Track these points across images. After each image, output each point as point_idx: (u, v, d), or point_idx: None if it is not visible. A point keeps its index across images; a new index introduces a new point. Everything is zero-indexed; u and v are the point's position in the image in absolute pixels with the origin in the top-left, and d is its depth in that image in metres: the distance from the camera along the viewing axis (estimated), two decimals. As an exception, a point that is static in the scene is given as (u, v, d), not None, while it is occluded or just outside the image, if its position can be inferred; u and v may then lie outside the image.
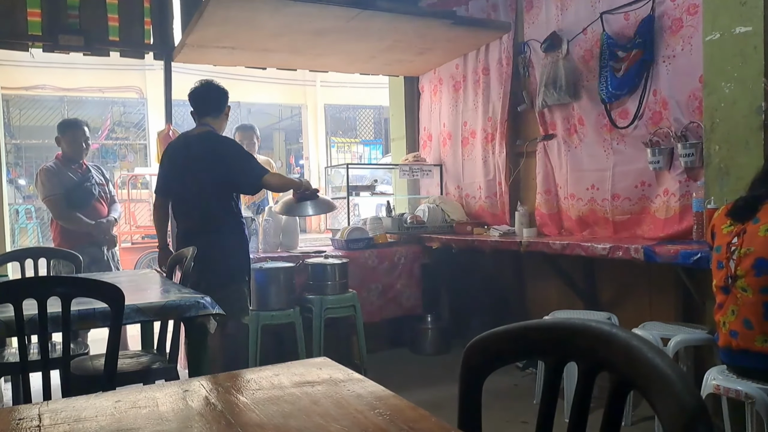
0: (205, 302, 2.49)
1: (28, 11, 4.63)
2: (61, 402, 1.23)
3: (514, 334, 1.07)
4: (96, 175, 4.81)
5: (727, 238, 2.58)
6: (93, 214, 4.63)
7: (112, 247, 4.81)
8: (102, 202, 4.76)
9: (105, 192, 4.84)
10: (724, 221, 2.66)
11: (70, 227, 4.56)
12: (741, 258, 2.47)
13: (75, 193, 4.59)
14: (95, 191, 4.71)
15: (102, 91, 14.13)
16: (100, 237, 4.65)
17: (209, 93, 3.84)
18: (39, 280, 2.40)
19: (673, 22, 3.76)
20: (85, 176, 4.71)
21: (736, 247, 2.51)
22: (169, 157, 3.83)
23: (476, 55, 5.42)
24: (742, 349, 2.47)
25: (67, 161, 4.69)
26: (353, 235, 5.03)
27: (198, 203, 3.66)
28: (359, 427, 1.04)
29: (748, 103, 3.01)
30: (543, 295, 4.84)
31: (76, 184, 4.62)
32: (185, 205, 3.74)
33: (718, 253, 2.61)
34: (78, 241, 4.50)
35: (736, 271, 2.48)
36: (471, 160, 5.57)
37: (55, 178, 4.58)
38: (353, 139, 17.31)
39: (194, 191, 3.65)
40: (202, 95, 3.82)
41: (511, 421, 3.57)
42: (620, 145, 4.17)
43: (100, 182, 4.82)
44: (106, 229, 4.70)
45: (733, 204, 2.65)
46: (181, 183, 3.71)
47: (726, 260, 2.55)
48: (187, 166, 3.67)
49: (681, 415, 0.75)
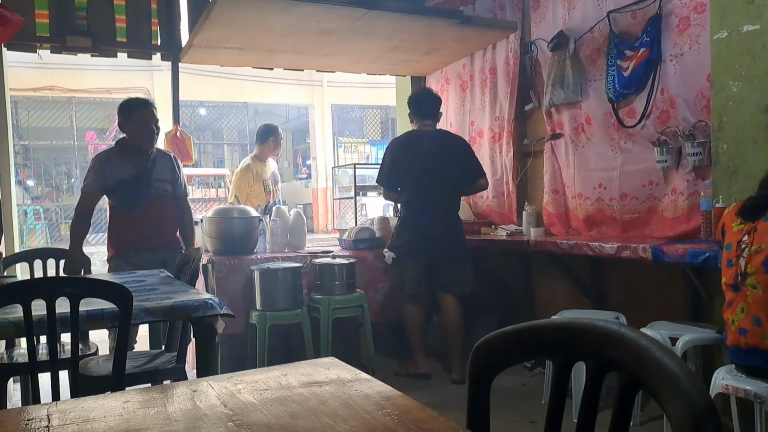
0: (213, 303, 2.49)
1: (36, 13, 4.66)
2: (70, 402, 1.24)
3: (522, 333, 1.07)
4: (160, 170, 3.99)
5: (738, 236, 2.57)
6: (147, 216, 3.88)
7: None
8: (164, 202, 3.99)
9: (170, 190, 4.03)
10: (734, 219, 2.65)
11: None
12: (751, 255, 2.47)
13: (124, 189, 3.87)
14: (154, 188, 3.93)
15: (109, 92, 14.19)
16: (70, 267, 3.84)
17: (429, 98, 4.54)
18: (47, 281, 2.41)
19: (681, 21, 3.74)
20: (144, 169, 3.92)
21: (747, 244, 2.50)
22: (402, 151, 4.41)
23: (483, 55, 5.42)
24: (752, 347, 2.47)
25: (126, 149, 3.95)
26: (361, 235, 5.03)
27: (432, 188, 4.33)
28: (367, 427, 1.04)
29: (756, 101, 2.99)
30: (551, 294, 4.83)
31: (130, 178, 3.88)
32: (422, 193, 4.34)
33: (728, 250, 2.60)
34: (128, 246, 3.92)
35: (746, 268, 2.48)
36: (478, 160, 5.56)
37: (101, 170, 3.90)
38: (360, 139, 17.33)
39: (434, 181, 4.31)
40: (427, 99, 4.53)
41: (519, 421, 3.56)
42: (628, 144, 4.16)
43: (164, 178, 3.99)
44: (72, 265, 3.83)
45: (744, 203, 2.64)
46: (419, 174, 4.32)
47: (736, 258, 2.54)
48: (427, 158, 4.32)
49: (690, 414, 0.74)
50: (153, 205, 3.92)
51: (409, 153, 4.38)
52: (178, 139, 5.11)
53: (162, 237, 4.00)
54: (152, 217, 3.92)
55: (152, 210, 3.92)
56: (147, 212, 3.90)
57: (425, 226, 4.34)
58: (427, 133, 4.46)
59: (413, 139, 4.45)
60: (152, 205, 3.91)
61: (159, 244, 3.97)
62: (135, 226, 3.90)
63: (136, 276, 3.27)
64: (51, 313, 2.09)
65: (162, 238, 4.00)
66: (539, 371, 4.29)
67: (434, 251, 4.31)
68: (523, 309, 5.01)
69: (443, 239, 4.35)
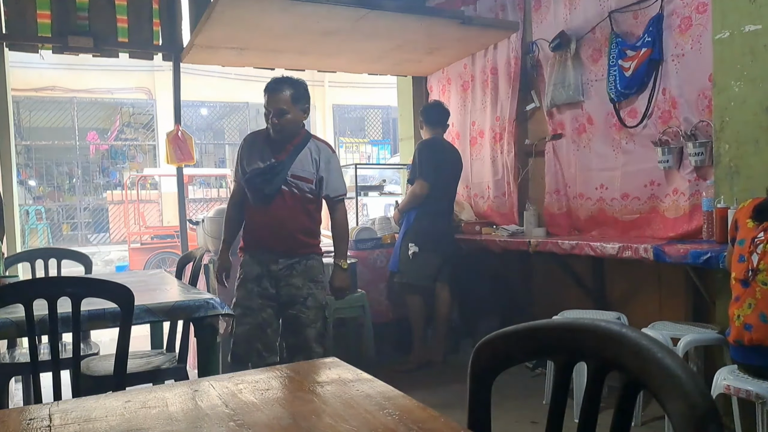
0: (214, 302, 2.50)
1: (38, 13, 4.65)
2: (72, 402, 1.24)
3: (523, 334, 1.07)
4: (301, 164, 3.40)
5: (753, 232, 2.57)
6: (272, 215, 3.39)
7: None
8: (298, 200, 3.40)
9: (306, 189, 3.42)
10: (748, 215, 2.64)
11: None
12: (765, 252, 2.47)
13: (254, 182, 3.40)
14: (284, 185, 3.36)
15: (111, 93, 14.21)
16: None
17: (441, 109, 4.96)
18: (49, 281, 2.41)
19: (682, 21, 3.74)
20: (277, 162, 3.37)
21: (763, 241, 2.50)
22: (441, 151, 4.78)
23: (484, 55, 5.41)
24: (755, 344, 2.47)
25: (267, 135, 3.45)
26: (362, 235, 5.03)
27: (451, 192, 4.91)
28: (368, 427, 1.04)
29: (757, 101, 2.99)
30: (552, 294, 4.83)
31: (261, 171, 3.38)
32: (444, 194, 4.79)
33: (741, 246, 2.60)
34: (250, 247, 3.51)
35: (759, 264, 2.48)
36: (479, 160, 5.57)
37: (241, 155, 3.52)
38: (361, 139, 17.32)
39: (451, 185, 4.87)
40: (438, 109, 4.94)
41: (520, 422, 3.56)
42: (629, 145, 4.16)
43: (301, 175, 3.39)
44: (219, 272, 3.60)
45: (760, 204, 2.63)
46: (444, 177, 4.76)
47: (749, 254, 2.54)
48: (448, 164, 4.81)
49: (691, 415, 0.74)
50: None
51: (442, 155, 4.76)
52: (180, 139, 5.11)
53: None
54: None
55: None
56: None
57: (445, 225, 4.80)
58: (446, 142, 4.96)
59: (443, 145, 4.87)
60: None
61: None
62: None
63: (136, 276, 3.28)
64: (53, 312, 2.09)
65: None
66: (540, 371, 4.29)
67: (448, 248, 4.77)
68: (525, 309, 5.01)
69: (452, 238, 4.88)
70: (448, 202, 4.88)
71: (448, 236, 4.82)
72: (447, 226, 4.85)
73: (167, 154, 5.14)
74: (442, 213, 4.78)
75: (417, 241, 4.64)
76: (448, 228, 4.86)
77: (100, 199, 15.38)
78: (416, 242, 4.64)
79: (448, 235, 4.83)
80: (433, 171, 4.65)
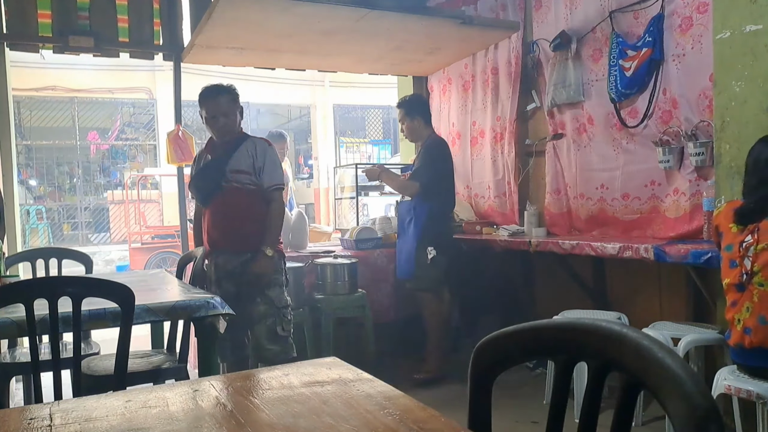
0: (214, 302, 2.50)
1: (39, 13, 4.66)
2: (72, 402, 1.24)
3: (523, 334, 1.07)
4: (240, 158, 3.48)
5: (739, 237, 2.57)
6: (218, 212, 3.51)
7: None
8: (241, 194, 3.46)
9: (247, 182, 3.47)
10: (729, 221, 2.65)
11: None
12: (758, 254, 2.47)
13: (196, 183, 3.62)
14: (224, 182, 3.46)
15: (112, 92, 14.20)
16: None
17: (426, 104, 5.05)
18: (50, 281, 2.41)
19: (683, 21, 3.74)
20: (215, 159, 3.56)
21: (752, 244, 2.50)
22: (450, 158, 4.67)
23: (485, 55, 5.42)
24: (756, 347, 2.46)
25: (209, 145, 3.68)
26: (362, 235, 5.03)
27: (454, 195, 4.86)
28: (369, 427, 1.04)
29: (758, 101, 2.99)
30: (553, 294, 4.83)
31: (200, 170, 3.63)
32: (453, 197, 4.81)
33: (730, 251, 2.60)
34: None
35: (753, 267, 2.48)
36: (480, 160, 5.57)
37: (194, 164, 3.80)
38: (362, 139, 17.33)
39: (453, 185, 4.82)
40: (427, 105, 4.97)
41: (521, 422, 3.56)
42: (630, 145, 4.16)
43: (239, 169, 3.46)
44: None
45: (739, 209, 2.64)
46: (452, 179, 4.75)
47: (740, 258, 2.54)
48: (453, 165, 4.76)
49: (692, 415, 0.74)
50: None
51: (452, 163, 4.69)
52: (180, 138, 5.11)
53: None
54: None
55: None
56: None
57: (452, 226, 4.90)
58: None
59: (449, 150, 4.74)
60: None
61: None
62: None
63: (137, 275, 3.28)
64: (53, 312, 2.09)
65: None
66: (541, 371, 4.29)
67: (458, 249, 4.85)
68: (525, 309, 5.01)
69: (456, 239, 4.91)
70: (453, 204, 4.88)
71: (455, 238, 4.89)
72: (453, 226, 4.95)
73: (168, 153, 5.14)
74: (449, 214, 4.82)
75: (434, 243, 4.42)
76: (454, 229, 4.96)
77: (100, 198, 15.39)
78: (434, 245, 4.41)
79: (453, 236, 4.88)
80: (441, 180, 4.49)
